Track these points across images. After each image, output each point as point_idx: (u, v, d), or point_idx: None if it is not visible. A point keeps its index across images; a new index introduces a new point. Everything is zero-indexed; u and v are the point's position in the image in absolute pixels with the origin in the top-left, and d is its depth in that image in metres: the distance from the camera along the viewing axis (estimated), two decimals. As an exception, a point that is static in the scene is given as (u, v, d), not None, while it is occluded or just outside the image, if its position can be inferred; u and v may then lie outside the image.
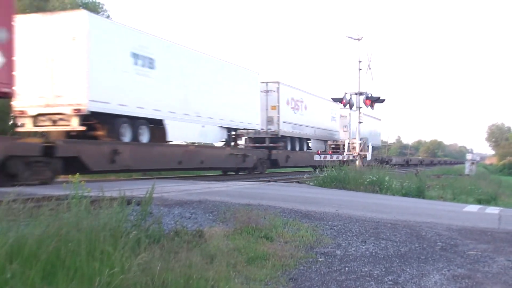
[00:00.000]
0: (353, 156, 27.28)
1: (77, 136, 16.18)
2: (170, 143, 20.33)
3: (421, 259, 6.18)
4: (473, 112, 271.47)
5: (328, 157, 27.17)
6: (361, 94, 27.07)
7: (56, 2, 25.63)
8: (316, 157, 29.29)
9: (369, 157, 27.72)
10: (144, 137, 18.38)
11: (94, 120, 16.30)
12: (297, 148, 32.49)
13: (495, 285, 5.19)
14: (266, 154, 27.28)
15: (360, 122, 28.07)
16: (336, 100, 28.07)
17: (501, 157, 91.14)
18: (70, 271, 4.00)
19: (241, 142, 29.18)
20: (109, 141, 16.57)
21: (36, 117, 16.06)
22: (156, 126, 19.07)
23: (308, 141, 34.91)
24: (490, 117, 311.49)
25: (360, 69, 27.59)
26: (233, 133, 25.62)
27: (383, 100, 27.05)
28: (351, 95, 27.09)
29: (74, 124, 15.58)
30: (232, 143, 25.73)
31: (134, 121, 17.78)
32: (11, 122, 20.88)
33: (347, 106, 27.23)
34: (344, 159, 25.86)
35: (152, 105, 18.26)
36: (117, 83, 16.64)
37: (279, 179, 21.30)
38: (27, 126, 16.27)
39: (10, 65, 11.89)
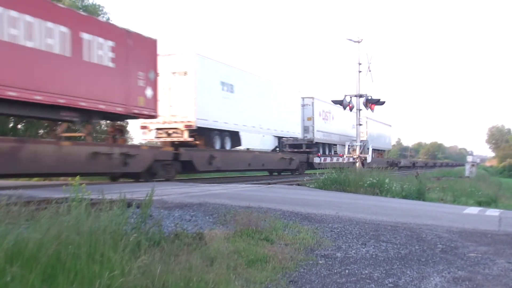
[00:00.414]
0: (353, 159, 27.26)
1: (180, 145, 20.65)
2: (242, 149, 25.49)
3: (422, 261, 6.17)
4: (473, 114, 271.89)
5: (328, 160, 27.15)
6: (360, 96, 27.08)
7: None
8: (316, 160, 29.26)
9: (369, 159, 27.68)
10: (228, 145, 24.11)
11: (194, 133, 21.52)
12: (327, 152, 37.30)
13: (495, 287, 5.19)
14: (306, 157, 32.52)
15: (360, 125, 28.08)
16: (336, 102, 28.09)
17: (501, 159, 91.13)
18: (70, 274, 3.99)
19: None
20: (207, 149, 21.80)
21: (155, 131, 21.85)
22: (234, 136, 24.52)
23: (335, 146, 39.29)
24: (490, 119, 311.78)
25: (360, 71, 27.62)
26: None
27: (383, 102, 27.05)
28: (351, 97, 27.10)
29: (185, 136, 21.32)
30: (278, 149, 29.82)
31: (221, 133, 23.45)
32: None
33: (347, 108, 27.22)
34: (344, 161, 25.85)
35: (232, 120, 23.79)
36: (212, 105, 22.21)
37: (279, 182, 21.29)
38: (149, 137, 22.26)
39: (155, 96, 17.74)
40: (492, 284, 5.28)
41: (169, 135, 21.48)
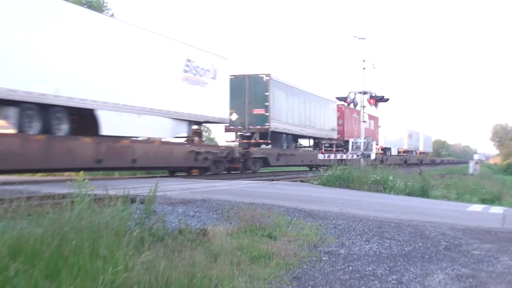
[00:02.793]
0: (357, 155, 27.21)
1: None
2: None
3: (425, 258, 6.16)
4: (477, 111, 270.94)
5: (332, 156, 27.12)
6: (365, 93, 27.02)
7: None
8: (320, 156, 29.17)
9: (373, 156, 27.63)
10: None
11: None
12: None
13: (499, 284, 5.17)
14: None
15: (363, 121, 28.01)
16: (340, 99, 28.01)
17: (505, 156, 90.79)
18: (73, 269, 3.99)
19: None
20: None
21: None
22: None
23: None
24: (494, 117, 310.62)
25: (364, 68, 27.54)
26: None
27: (387, 99, 26.98)
28: (355, 94, 27.04)
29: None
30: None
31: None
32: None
33: (351, 104, 27.19)
34: (348, 158, 25.83)
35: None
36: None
37: (283, 178, 21.31)
38: None
39: (378, 135, 51.02)
40: (496, 281, 5.26)
41: None
